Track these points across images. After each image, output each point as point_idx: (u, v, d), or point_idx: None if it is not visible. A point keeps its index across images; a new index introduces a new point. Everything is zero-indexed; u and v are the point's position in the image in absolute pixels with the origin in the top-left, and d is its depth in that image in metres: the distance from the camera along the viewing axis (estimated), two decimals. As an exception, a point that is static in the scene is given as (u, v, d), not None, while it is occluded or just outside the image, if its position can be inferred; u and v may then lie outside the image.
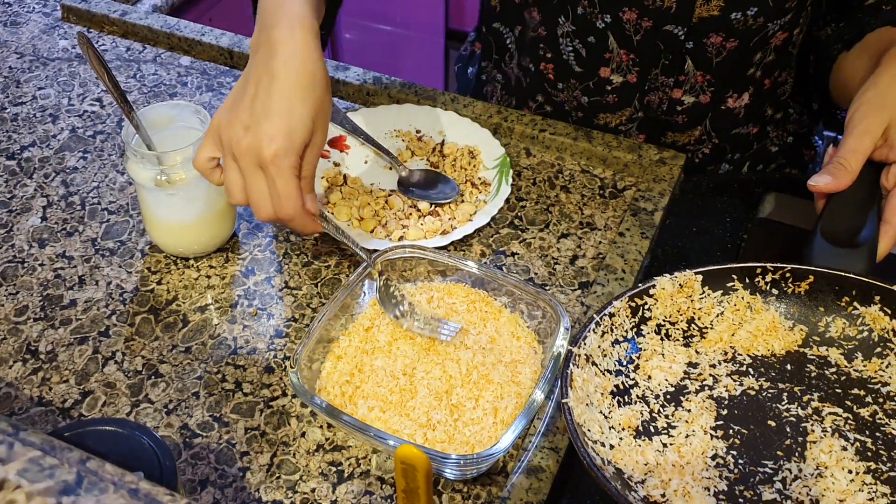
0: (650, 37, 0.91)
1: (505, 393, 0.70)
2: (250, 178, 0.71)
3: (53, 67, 1.09)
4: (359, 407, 0.69)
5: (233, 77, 1.08)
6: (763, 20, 0.88)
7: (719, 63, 0.92)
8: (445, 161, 0.94)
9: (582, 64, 0.97)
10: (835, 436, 0.63)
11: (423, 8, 2.16)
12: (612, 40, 0.93)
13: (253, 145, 0.69)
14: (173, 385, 0.75)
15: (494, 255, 0.86)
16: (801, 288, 0.70)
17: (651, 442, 0.64)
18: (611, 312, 0.68)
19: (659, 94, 0.96)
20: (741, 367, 0.69)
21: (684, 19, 0.88)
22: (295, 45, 0.70)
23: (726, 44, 0.90)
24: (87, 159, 0.96)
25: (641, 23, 0.90)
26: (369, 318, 0.76)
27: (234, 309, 0.81)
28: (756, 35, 0.89)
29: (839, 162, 0.73)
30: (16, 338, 0.78)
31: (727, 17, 0.87)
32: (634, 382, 0.67)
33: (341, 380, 0.71)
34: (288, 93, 0.69)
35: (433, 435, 0.68)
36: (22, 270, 0.84)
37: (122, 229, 0.88)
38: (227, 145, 0.70)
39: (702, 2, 0.87)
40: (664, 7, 0.88)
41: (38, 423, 0.72)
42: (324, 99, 0.71)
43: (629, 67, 0.95)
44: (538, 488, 0.67)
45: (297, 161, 0.70)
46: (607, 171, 0.94)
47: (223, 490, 0.67)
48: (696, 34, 0.90)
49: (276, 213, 0.71)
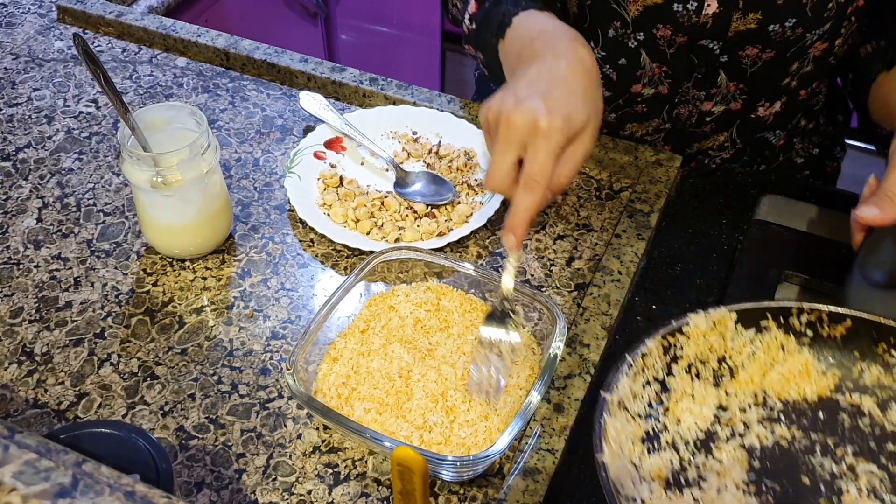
0: (684, 51, 0.89)
1: (501, 394, 0.70)
2: (506, 149, 0.66)
3: (49, 68, 1.09)
4: (355, 409, 0.69)
5: (228, 78, 1.08)
6: (802, 31, 0.85)
7: (753, 73, 0.90)
8: (442, 163, 0.94)
9: (611, 87, 0.95)
10: (870, 496, 0.60)
11: (419, 10, 2.16)
12: (644, 57, 0.91)
13: (532, 112, 0.65)
14: (169, 387, 0.74)
15: (490, 256, 0.86)
16: (837, 331, 0.67)
17: (682, 496, 0.61)
18: (643, 353, 0.65)
19: (689, 107, 0.95)
20: (772, 413, 0.66)
21: (720, 34, 0.86)
22: (577, 53, 0.70)
23: (762, 55, 0.88)
24: (83, 161, 0.96)
25: (676, 38, 0.88)
26: (365, 321, 0.76)
27: (230, 311, 0.81)
28: (794, 46, 0.87)
29: (887, 195, 0.68)
30: (11, 339, 0.78)
31: (764, 29, 0.85)
32: (664, 427, 0.64)
33: (337, 382, 0.71)
34: (571, 83, 0.68)
35: (429, 437, 0.67)
36: (17, 272, 0.84)
37: (117, 231, 0.88)
38: (494, 120, 0.67)
39: (738, 16, 0.84)
40: (700, 23, 0.85)
41: (33, 425, 0.71)
42: (598, 104, 0.69)
43: (661, 79, 0.93)
44: (535, 490, 0.67)
45: (566, 145, 0.66)
46: (603, 172, 0.95)
47: (219, 492, 0.67)
48: (731, 48, 0.88)
49: (498, 176, 0.67)
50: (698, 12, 0.84)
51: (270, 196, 0.92)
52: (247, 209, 0.91)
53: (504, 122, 0.66)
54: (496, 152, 0.67)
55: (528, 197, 0.66)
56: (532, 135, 0.65)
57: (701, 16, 0.85)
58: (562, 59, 0.69)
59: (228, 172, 0.95)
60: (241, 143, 0.99)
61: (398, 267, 0.78)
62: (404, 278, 0.79)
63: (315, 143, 0.95)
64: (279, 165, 0.96)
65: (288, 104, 1.04)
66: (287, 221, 0.89)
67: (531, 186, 0.66)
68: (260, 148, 0.98)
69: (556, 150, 0.66)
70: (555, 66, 0.69)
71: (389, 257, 0.78)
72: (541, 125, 0.64)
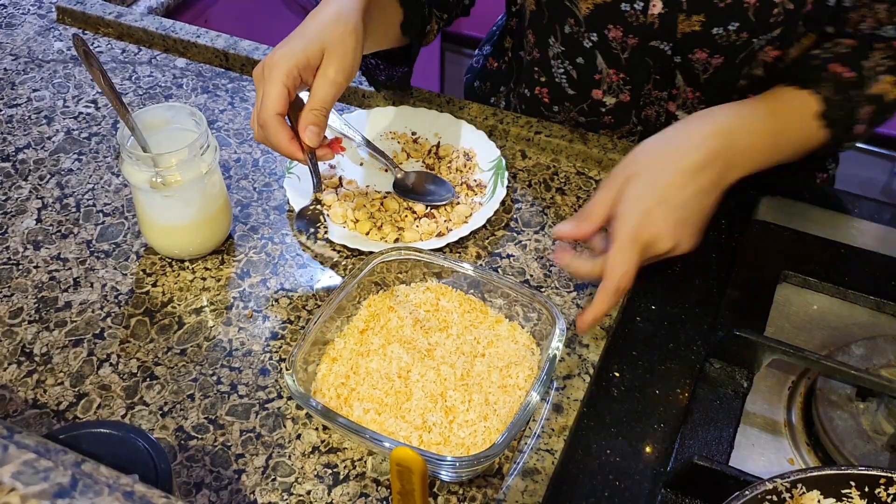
0: (638, 54, 0.90)
1: (500, 395, 0.70)
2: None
3: (48, 69, 1.09)
4: (354, 409, 0.69)
5: (228, 79, 1.08)
6: (747, 35, 0.85)
7: (707, 79, 0.91)
8: (441, 163, 0.94)
9: (574, 86, 0.97)
10: None
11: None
12: (600, 60, 0.93)
13: (264, 61, 0.76)
14: (168, 387, 0.75)
15: (490, 257, 0.86)
16: None
17: None
18: None
19: (655, 108, 0.96)
20: None
21: (668, 35, 0.87)
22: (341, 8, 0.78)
23: (712, 60, 0.88)
24: (82, 161, 0.96)
25: (627, 40, 0.89)
26: (364, 321, 0.76)
27: (229, 311, 0.81)
28: (742, 51, 0.87)
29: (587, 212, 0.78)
30: (10, 340, 0.78)
31: (709, 32, 0.85)
32: None
33: (336, 382, 0.71)
34: (310, 23, 0.77)
35: (428, 437, 0.68)
36: (16, 272, 0.84)
37: (116, 231, 0.88)
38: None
39: (683, 17, 0.85)
40: (647, 23, 0.87)
41: (32, 425, 0.71)
42: (344, 37, 0.76)
43: (620, 87, 0.94)
44: (534, 490, 0.67)
45: (290, 76, 0.75)
46: (603, 173, 0.95)
47: (218, 493, 0.67)
48: (682, 50, 0.89)
49: (253, 120, 0.77)
50: (645, 12, 0.85)
51: (270, 196, 0.92)
52: (246, 210, 0.91)
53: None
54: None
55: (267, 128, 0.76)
56: (258, 81, 0.76)
57: (648, 16, 0.86)
58: (323, 6, 0.79)
59: (228, 173, 0.95)
60: (241, 143, 0.99)
61: (397, 267, 0.78)
62: (403, 279, 0.79)
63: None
64: (278, 166, 0.96)
65: (287, 105, 1.04)
66: (286, 222, 0.90)
67: (260, 116, 0.76)
68: (259, 148, 0.98)
69: (278, 80, 0.74)
70: (316, 11, 0.79)
71: (389, 258, 0.78)
72: (265, 63, 0.76)
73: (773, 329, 0.80)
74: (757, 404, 0.75)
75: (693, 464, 0.65)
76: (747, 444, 0.72)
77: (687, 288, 0.83)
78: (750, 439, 0.73)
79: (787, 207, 0.89)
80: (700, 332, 0.80)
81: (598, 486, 0.68)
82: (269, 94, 0.75)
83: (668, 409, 0.74)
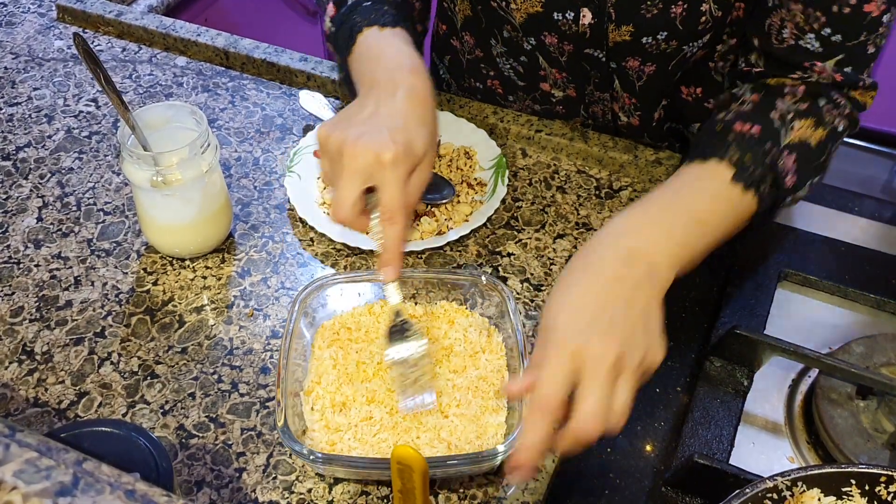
0: (575, 59, 0.90)
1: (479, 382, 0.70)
2: (352, 180, 0.68)
3: (49, 68, 1.09)
4: (347, 443, 0.67)
5: (228, 77, 1.08)
6: (676, 43, 0.84)
7: (642, 87, 0.91)
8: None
9: (522, 79, 0.98)
10: None
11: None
12: (542, 60, 0.93)
13: (370, 148, 0.67)
14: (169, 386, 0.75)
15: (490, 255, 0.86)
16: None
17: None
18: None
19: (601, 107, 0.96)
20: None
21: (600, 44, 0.87)
22: (416, 84, 0.72)
23: (644, 68, 0.88)
24: (83, 160, 0.96)
25: (563, 46, 0.89)
26: (325, 366, 0.73)
27: (230, 310, 0.81)
28: (673, 58, 0.87)
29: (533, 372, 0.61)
30: (11, 339, 0.78)
31: (639, 41, 0.85)
32: None
33: (323, 426, 0.69)
34: (409, 113, 0.70)
35: (428, 437, 0.68)
36: (17, 271, 0.84)
37: (117, 230, 0.88)
38: (337, 150, 0.69)
39: (613, 27, 0.84)
40: (580, 32, 0.86)
41: (34, 424, 0.72)
42: (433, 132, 0.72)
43: (565, 84, 0.95)
44: (535, 488, 0.67)
45: (409, 173, 0.69)
46: (603, 171, 0.95)
47: (219, 491, 0.67)
48: (615, 57, 0.88)
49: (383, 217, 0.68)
50: (576, 21, 0.85)
51: (270, 195, 0.92)
52: (247, 208, 0.91)
53: (349, 154, 0.67)
54: (342, 185, 0.69)
55: (393, 228, 0.68)
56: (378, 167, 0.67)
57: (579, 25, 0.86)
58: (399, 91, 0.71)
59: (228, 171, 0.95)
60: (241, 142, 0.99)
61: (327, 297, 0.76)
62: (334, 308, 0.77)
63: (315, 142, 0.95)
64: (279, 164, 0.96)
65: (288, 103, 1.04)
66: (287, 220, 0.90)
67: (391, 218, 0.68)
68: (260, 147, 0.98)
69: (404, 179, 0.68)
70: (392, 97, 0.71)
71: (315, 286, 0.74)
72: (385, 158, 0.66)
73: (773, 328, 0.80)
74: (757, 403, 0.75)
75: (693, 462, 0.66)
76: (747, 443, 0.72)
77: (687, 287, 0.83)
78: (750, 437, 0.73)
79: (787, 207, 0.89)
80: (700, 330, 0.80)
81: (599, 484, 0.68)
82: (395, 192, 0.67)
83: (668, 408, 0.74)
